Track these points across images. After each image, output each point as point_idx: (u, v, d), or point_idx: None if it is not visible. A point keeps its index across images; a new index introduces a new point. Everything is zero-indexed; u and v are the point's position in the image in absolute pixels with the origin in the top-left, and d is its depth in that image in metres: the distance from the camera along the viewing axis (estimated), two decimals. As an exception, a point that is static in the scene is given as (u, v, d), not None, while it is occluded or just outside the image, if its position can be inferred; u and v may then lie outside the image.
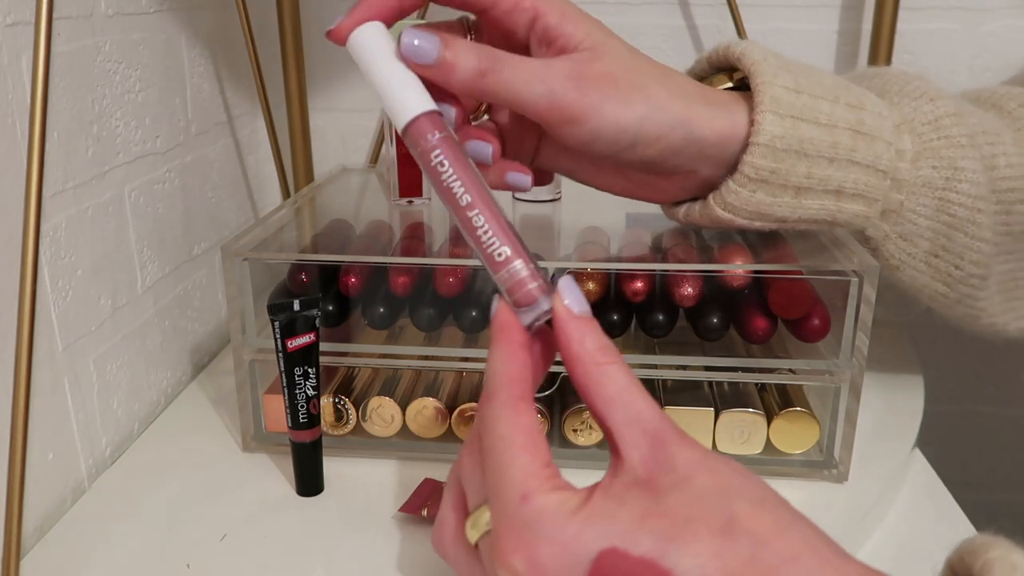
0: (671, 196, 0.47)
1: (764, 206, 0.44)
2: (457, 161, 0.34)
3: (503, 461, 0.30)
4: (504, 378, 0.32)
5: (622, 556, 0.27)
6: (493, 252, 0.33)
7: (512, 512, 0.29)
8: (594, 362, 0.31)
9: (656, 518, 0.28)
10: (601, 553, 0.27)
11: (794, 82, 0.43)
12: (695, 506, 0.28)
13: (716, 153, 0.43)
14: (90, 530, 0.48)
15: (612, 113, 0.39)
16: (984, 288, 0.49)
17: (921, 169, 0.46)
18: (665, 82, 0.41)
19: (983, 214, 0.47)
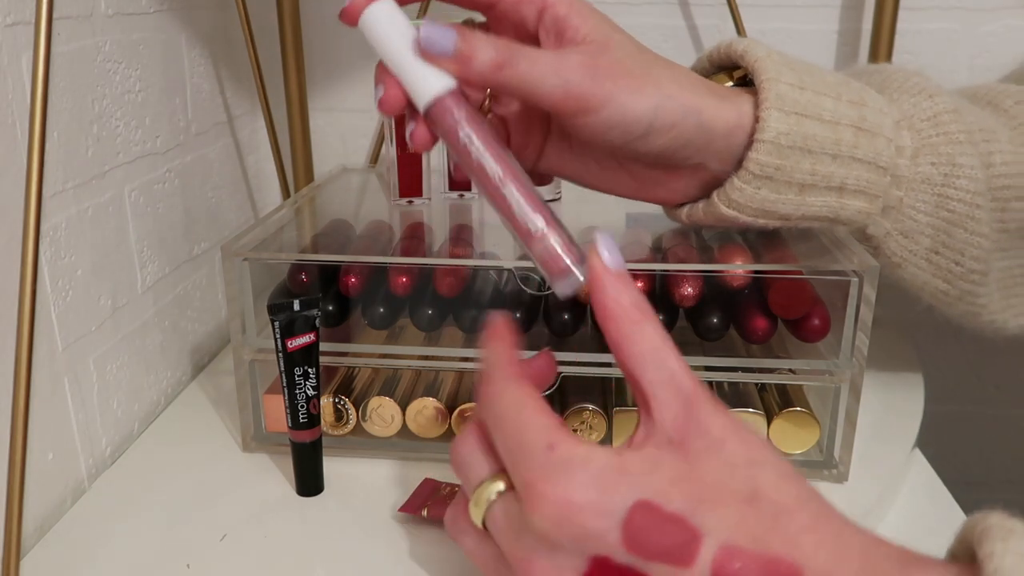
0: (677, 194, 0.47)
1: (768, 203, 0.44)
2: (485, 137, 0.34)
3: (520, 422, 0.30)
4: (499, 360, 0.32)
5: (656, 509, 0.28)
6: (528, 225, 0.33)
7: (541, 462, 0.29)
8: (629, 319, 0.31)
9: (687, 482, 0.28)
10: (636, 503, 0.28)
11: (797, 79, 0.43)
12: (725, 473, 0.29)
13: (724, 146, 0.43)
14: (90, 530, 0.48)
15: (627, 101, 0.39)
16: (984, 284, 0.49)
17: (920, 165, 0.46)
18: (674, 73, 0.41)
19: (982, 210, 0.47)
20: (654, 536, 0.28)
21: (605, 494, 0.28)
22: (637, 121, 0.39)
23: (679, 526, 0.28)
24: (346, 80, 0.80)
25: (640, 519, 0.28)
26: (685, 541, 0.28)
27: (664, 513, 0.28)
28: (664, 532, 0.28)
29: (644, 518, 0.28)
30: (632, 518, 0.28)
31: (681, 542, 0.27)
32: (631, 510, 0.28)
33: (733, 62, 0.46)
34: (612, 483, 0.28)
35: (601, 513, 0.28)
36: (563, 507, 0.28)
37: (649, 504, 0.28)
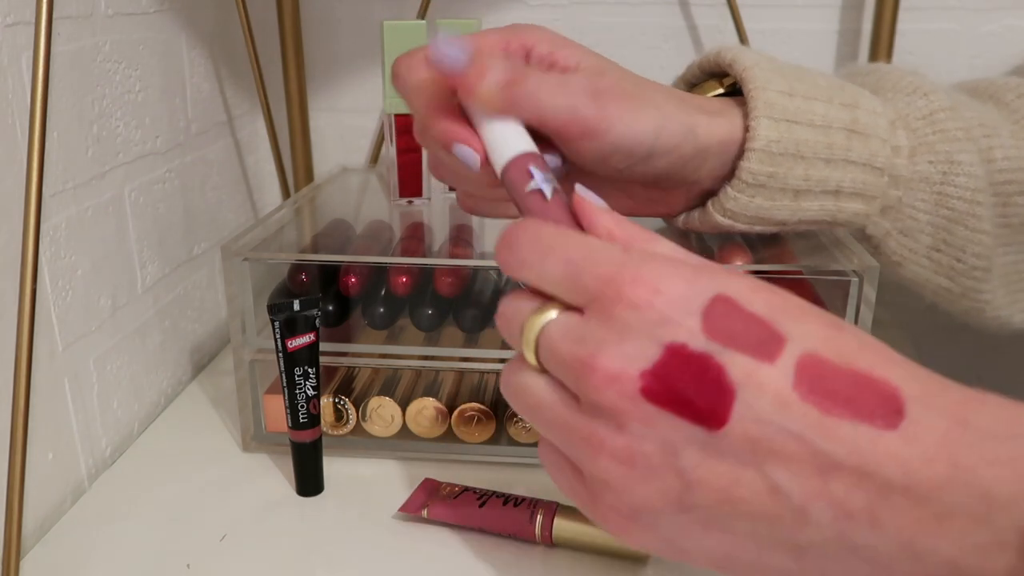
0: (676, 209, 0.47)
1: (763, 210, 0.44)
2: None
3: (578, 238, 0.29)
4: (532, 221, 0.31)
5: (737, 306, 0.26)
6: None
7: (618, 258, 0.28)
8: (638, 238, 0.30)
9: (769, 293, 0.27)
10: (717, 296, 0.27)
11: (787, 85, 0.43)
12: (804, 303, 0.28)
13: (718, 163, 0.43)
14: (90, 530, 0.48)
15: (630, 125, 0.39)
16: (987, 280, 0.49)
17: (918, 164, 0.46)
18: (667, 93, 0.41)
19: (982, 207, 0.47)
20: (736, 325, 0.26)
21: (687, 282, 0.27)
22: (640, 144, 0.39)
23: (761, 324, 0.26)
24: (346, 80, 0.80)
25: (721, 308, 0.26)
26: (768, 337, 0.26)
27: (746, 312, 0.26)
28: (746, 325, 0.26)
29: (726, 308, 0.26)
30: (714, 306, 0.26)
31: (764, 337, 0.26)
32: (713, 300, 0.26)
33: (722, 70, 0.46)
34: (692, 275, 0.27)
35: (684, 298, 0.26)
36: (649, 289, 0.27)
37: (729, 299, 0.26)
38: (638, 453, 0.27)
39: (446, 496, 0.47)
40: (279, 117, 0.76)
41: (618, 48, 0.77)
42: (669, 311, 0.26)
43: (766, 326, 0.26)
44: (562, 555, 0.45)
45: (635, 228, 0.30)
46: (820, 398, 0.25)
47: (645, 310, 0.26)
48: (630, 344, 0.26)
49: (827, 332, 0.26)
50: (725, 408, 0.25)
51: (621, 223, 0.31)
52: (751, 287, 0.27)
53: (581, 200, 0.31)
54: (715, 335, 0.26)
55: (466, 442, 0.53)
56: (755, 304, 0.27)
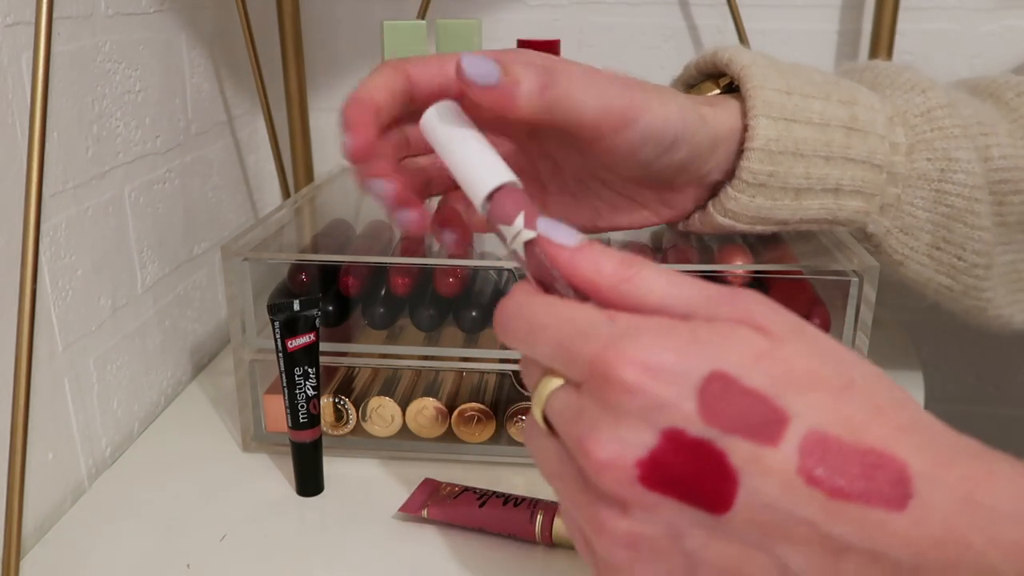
0: (682, 212, 0.46)
1: (764, 210, 0.44)
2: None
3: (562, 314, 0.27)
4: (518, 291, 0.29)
5: (734, 383, 0.24)
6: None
7: (604, 333, 0.25)
8: (622, 280, 0.27)
9: (771, 360, 0.25)
10: (713, 372, 0.24)
11: (784, 83, 0.43)
12: (812, 360, 0.25)
13: (724, 154, 0.43)
14: (90, 530, 0.48)
15: (658, 109, 0.39)
16: (988, 278, 0.49)
17: (916, 162, 0.46)
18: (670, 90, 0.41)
19: (981, 203, 0.47)
20: (735, 407, 0.24)
21: (680, 357, 0.25)
22: (669, 130, 0.39)
23: (762, 402, 0.24)
24: (346, 80, 0.80)
25: (719, 388, 0.24)
26: (770, 419, 0.24)
27: (744, 387, 0.24)
28: (746, 405, 0.24)
29: (723, 387, 0.24)
30: (709, 386, 0.24)
31: (765, 418, 0.24)
32: (708, 378, 0.24)
33: (719, 70, 0.46)
34: (685, 347, 0.25)
35: (677, 377, 0.24)
36: (636, 370, 0.24)
37: (727, 376, 0.24)
38: (641, 537, 0.26)
39: (446, 496, 0.47)
40: (279, 117, 0.76)
41: (618, 48, 0.77)
42: (663, 395, 0.24)
43: (767, 403, 0.24)
44: (562, 555, 0.45)
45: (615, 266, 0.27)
46: (827, 481, 0.24)
47: (637, 394, 0.25)
48: (625, 429, 0.25)
49: (834, 402, 0.25)
50: (729, 494, 0.25)
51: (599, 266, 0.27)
52: (753, 354, 0.25)
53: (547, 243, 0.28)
54: (713, 420, 0.24)
55: (466, 442, 0.53)
56: (755, 377, 0.25)
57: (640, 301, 0.27)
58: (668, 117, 0.39)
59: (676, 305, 0.27)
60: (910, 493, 0.24)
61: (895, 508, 0.24)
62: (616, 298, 0.27)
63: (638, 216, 0.46)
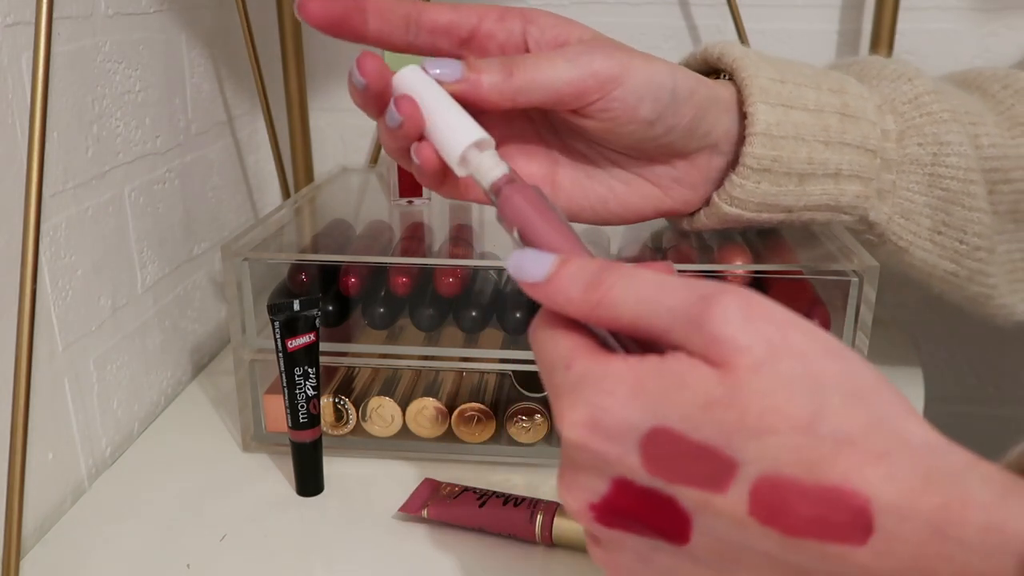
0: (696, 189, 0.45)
1: (770, 196, 0.44)
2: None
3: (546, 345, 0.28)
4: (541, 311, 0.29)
5: (678, 438, 0.24)
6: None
7: (560, 381, 0.27)
8: (591, 304, 0.27)
9: (724, 408, 0.24)
10: (653, 429, 0.25)
11: (777, 73, 0.43)
12: (774, 398, 0.24)
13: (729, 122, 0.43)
14: (90, 530, 0.48)
15: (645, 69, 0.39)
16: (991, 263, 0.49)
17: (907, 148, 0.46)
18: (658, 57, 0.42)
19: (976, 185, 0.47)
20: (677, 462, 0.24)
21: (620, 415, 0.25)
22: (662, 85, 0.39)
23: (708, 455, 0.24)
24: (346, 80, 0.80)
25: (660, 444, 0.25)
26: (715, 470, 0.24)
27: (690, 442, 0.24)
28: (689, 459, 0.24)
29: (665, 443, 0.25)
30: (650, 441, 0.25)
31: (711, 471, 0.24)
32: (648, 434, 0.25)
33: (710, 67, 0.46)
34: (628, 403, 0.25)
35: (616, 435, 0.25)
36: (577, 429, 0.26)
37: (669, 431, 0.24)
38: (616, 561, 0.28)
39: (446, 496, 0.47)
40: (279, 117, 0.76)
41: (618, 48, 0.77)
42: (606, 451, 0.25)
43: (713, 454, 0.24)
44: (562, 555, 0.45)
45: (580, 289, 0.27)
46: (780, 522, 0.24)
47: (583, 449, 0.26)
48: (582, 475, 0.27)
49: (795, 440, 0.24)
50: (684, 530, 0.25)
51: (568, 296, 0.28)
52: (704, 403, 0.24)
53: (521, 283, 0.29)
54: (657, 472, 0.25)
55: (466, 442, 0.53)
56: (703, 428, 0.24)
57: (615, 322, 0.27)
58: (658, 70, 0.39)
59: (651, 319, 0.26)
60: (871, 528, 0.23)
61: (855, 543, 0.23)
62: (595, 321, 0.27)
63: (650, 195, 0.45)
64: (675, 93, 0.40)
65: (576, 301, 0.27)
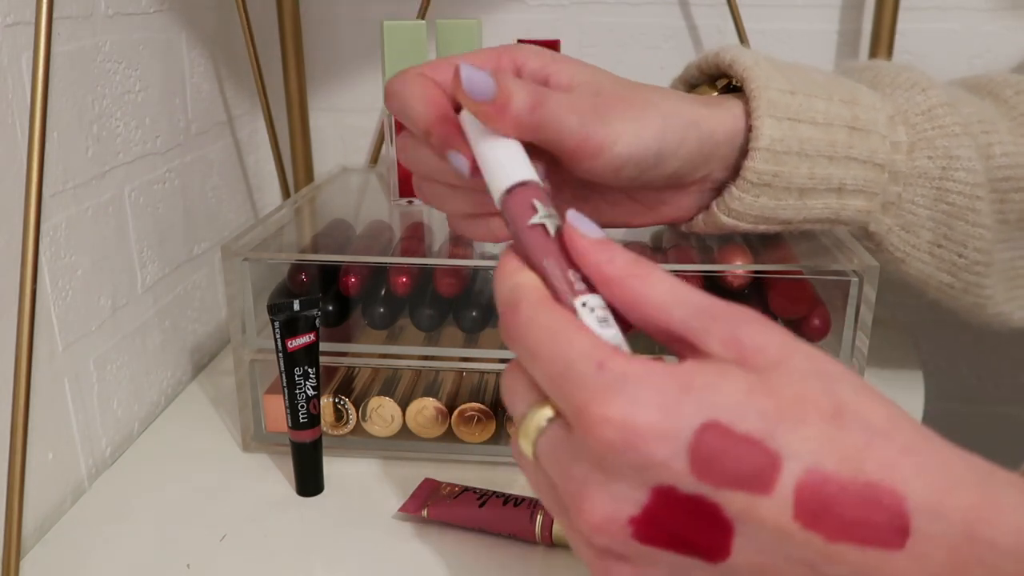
0: (687, 211, 0.46)
1: (769, 210, 0.44)
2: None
3: (559, 345, 0.26)
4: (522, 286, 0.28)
5: (726, 432, 0.24)
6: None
7: (592, 383, 0.25)
8: (631, 275, 0.28)
9: (763, 395, 0.24)
10: (704, 425, 0.24)
11: (788, 83, 0.43)
12: (800, 387, 0.25)
13: (727, 152, 0.43)
14: (90, 530, 0.48)
15: (636, 135, 0.38)
16: (989, 276, 0.49)
17: (917, 160, 0.46)
18: (664, 93, 0.41)
19: (982, 201, 0.47)
20: (727, 461, 0.24)
21: (669, 414, 0.24)
22: (646, 151, 0.39)
23: (755, 448, 0.24)
24: (346, 80, 0.80)
25: (710, 442, 0.24)
26: (763, 466, 0.24)
27: (737, 436, 0.24)
28: (738, 456, 0.24)
29: (714, 441, 0.24)
30: (700, 441, 0.24)
31: (758, 467, 0.24)
32: (699, 432, 0.24)
33: (720, 71, 0.46)
34: (676, 401, 0.24)
35: (665, 436, 0.24)
36: (622, 431, 0.24)
37: (719, 425, 0.24)
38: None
39: (446, 496, 0.47)
40: (279, 117, 0.76)
41: (618, 48, 0.77)
42: (652, 454, 0.24)
43: (760, 448, 0.24)
44: (562, 555, 0.45)
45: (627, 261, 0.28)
46: (823, 526, 0.24)
47: (624, 452, 0.24)
48: (616, 486, 0.25)
49: (828, 432, 0.24)
50: (725, 544, 0.25)
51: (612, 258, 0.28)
52: (746, 390, 0.24)
53: (571, 231, 0.29)
54: (705, 476, 0.24)
55: (466, 442, 0.53)
56: (748, 418, 0.24)
57: (643, 297, 0.27)
58: (647, 139, 0.39)
59: (674, 308, 0.27)
60: (908, 531, 0.23)
61: (894, 547, 0.23)
62: (622, 291, 0.28)
63: (641, 216, 0.46)
64: (660, 155, 0.39)
65: (619, 265, 0.28)
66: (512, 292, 0.28)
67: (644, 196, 0.45)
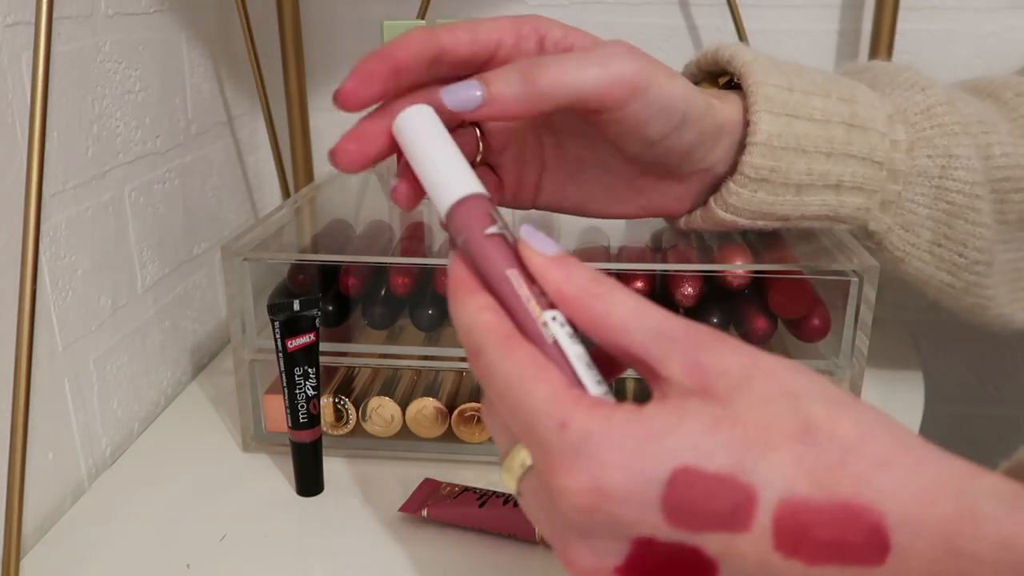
0: (684, 204, 0.46)
1: (766, 205, 0.44)
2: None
3: (520, 398, 0.26)
4: (481, 327, 0.28)
5: (697, 474, 0.24)
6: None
7: (554, 445, 0.25)
8: (590, 294, 0.27)
9: (728, 426, 0.24)
10: (674, 473, 0.24)
11: (786, 80, 0.43)
12: (765, 412, 0.24)
13: (729, 144, 0.43)
14: (90, 530, 0.48)
15: (667, 83, 0.38)
16: (990, 275, 0.49)
17: (916, 159, 0.46)
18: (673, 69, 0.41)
19: (982, 200, 0.47)
20: (701, 504, 0.24)
21: (636, 472, 0.24)
22: (675, 107, 0.38)
23: (728, 486, 0.24)
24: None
25: (681, 490, 0.24)
26: (738, 502, 0.24)
27: (708, 475, 0.24)
28: (712, 497, 0.24)
29: (686, 487, 0.24)
30: (671, 491, 0.24)
31: (733, 505, 0.24)
32: (668, 482, 0.24)
33: (720, 68, 0.46)
34: (641, 455, 0.24)
35: (634, 494, 0.24)
36: (591, 497, 0.24)
37: (688, 469, 0.24)
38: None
39: (446, 496, 0.47)
40: (279, 117, 0.76)
41: (618, 48, 0.77)
42: (623, 514, 0.24)
43: (733, 484, 0.24)
44: (562, 555, 0.45)
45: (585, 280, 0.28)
46: (803, 552, 0.24)
47: (596, 515, 0.24)
48: (596, 541, 0.25)
49: (799, 453, 0.24)
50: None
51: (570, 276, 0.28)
52: (709, 425, 0.24)
53: (526, 248, 0.28)
54: (681, 524, 0.24)
55: (466, 442, 0.53)
56: (716, 456, 0.24)
57: (603, 317, 0.27)
58: (675, 92, 0.38)
59: (635, 331, 0.26)
60: (888, 546, 0.23)
61: (874, 564, 0.23)
62: (581, 311, 0.27)
63: (632, 205, 0.45)
64: (685, 117, 0.39)
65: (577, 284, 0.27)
66: (471, 334, 0.28)
67: (643, 184, 0.44)
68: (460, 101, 0.34)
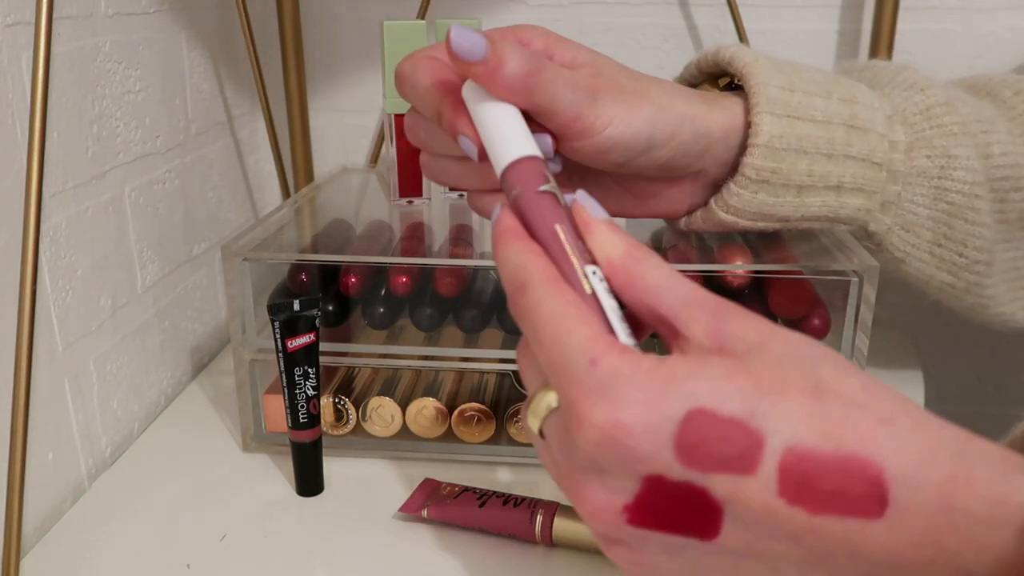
0: (682, 205, 0.46)
1: (767, 206, 0.44)
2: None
3: (559, 334, 0.27)
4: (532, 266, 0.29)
5: (710, 416, 0.25)
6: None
7: (582, 378, 0.26)
8: (631, 257, 0.29)
9: (743, 376, 0.25)
10: (688, 413, 0.25)
11: (787, 81, 0.43)
12: (779, 368, 0.26)
13: (722, 149, 0.43)
14: (90, 530, 0.48)
15: (627, 123, 0.39)
16: (990, 275, 0.49)
17: (915, 159, 0.46)
18: (663, 86, 0.42)
19: (981, 200, 0.47)
20: (712, 446, 0.25)
21: (654, 408, 0.25)
22: (636, 137, 0.39)
23: (738, 429, 0.25)
24: (346, 80, 0.80)
25: (694, 429, 0.25)
26: (746, 446, 0.25)
27: (720, 419, 0.25)
28: (722, 439, 0.25)
29: (699, 427, 0.25)
30: (685, 430, 0.25)
31: (741, 449, 0.25)
32: (683, 421, 0.25)
33: (721, 69, 0.46)
34: (660, 395, 0.25)
35: (651, 431, 0.25)
36: (610, 429, 0.25)
37: (702, 410, 0.25)
38: (640, 559, 0.28)
39: (446, 496, 0.47)
40: (279, 117, 0.76)
41: (618, 48, 0.77)
42: (638, 448, 0.25)
43: (743, 428, 0.25)
44: (562, 555, 0.45)
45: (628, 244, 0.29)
46: (806, 500, 0.25)
47: (613, 448, 0.26)
48: (608, 477, 0.26)
49: (807, 407, 0.25)
50: (715, 524, 0.26)
51: (615, 238, 0.30)
52: (725, 373, 0.25)
53: (580, 208, 0.31)
54: (692, 463, 0.25)
55: (466, 442, 0.53)
56: (729, 400, 0.25)
57: (639, 279, 0.29)
58: (637, 127, 0.39)
59: (665, 294, 0.28)
60: (887, 500, 0.24)
61: (873, 516, 0.24)
62: (620, 270, 0.29)
63: (628, 206, 0.46)
64: (650, 143, 0.40)
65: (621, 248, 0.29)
66: (519, 272, 0.29)
67: (636, 186, 0.45)
68: (464, 47, 0.34)
